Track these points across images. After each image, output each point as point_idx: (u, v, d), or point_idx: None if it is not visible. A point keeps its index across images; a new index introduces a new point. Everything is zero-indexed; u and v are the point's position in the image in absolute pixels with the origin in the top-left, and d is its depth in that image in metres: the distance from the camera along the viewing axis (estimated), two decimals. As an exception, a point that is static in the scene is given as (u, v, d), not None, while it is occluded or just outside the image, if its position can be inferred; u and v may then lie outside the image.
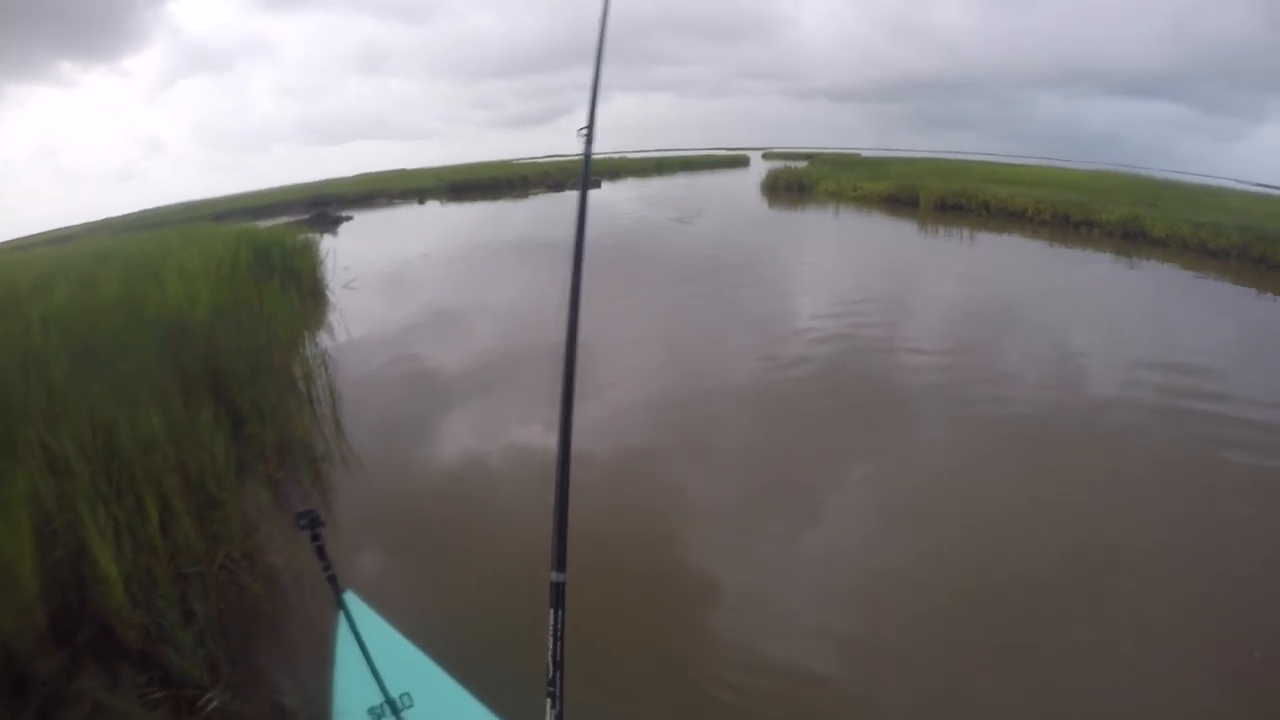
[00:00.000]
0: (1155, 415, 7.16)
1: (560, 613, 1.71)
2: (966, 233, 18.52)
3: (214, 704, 3.44)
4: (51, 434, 4.50)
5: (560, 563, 1.76)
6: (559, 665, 1.66)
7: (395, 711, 2.79)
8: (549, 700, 1.66)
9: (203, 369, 6.45)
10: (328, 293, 13.09)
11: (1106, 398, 7.68)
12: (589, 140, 2.46)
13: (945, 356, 8.93)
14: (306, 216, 24.91)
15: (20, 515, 3.63)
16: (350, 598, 3.06)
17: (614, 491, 5.81)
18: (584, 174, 2.43)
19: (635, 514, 5.50)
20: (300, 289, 11.73)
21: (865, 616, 4.43)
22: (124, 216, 27.70)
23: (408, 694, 2.89)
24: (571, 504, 1.86)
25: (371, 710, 2.88)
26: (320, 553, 2.57)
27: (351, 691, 2.97)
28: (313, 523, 2.51)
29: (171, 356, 6.31)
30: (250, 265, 11.18)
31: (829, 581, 4.75)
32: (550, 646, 1.66)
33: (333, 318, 11.25)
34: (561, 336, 2.11)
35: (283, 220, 21.94)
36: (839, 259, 16.36)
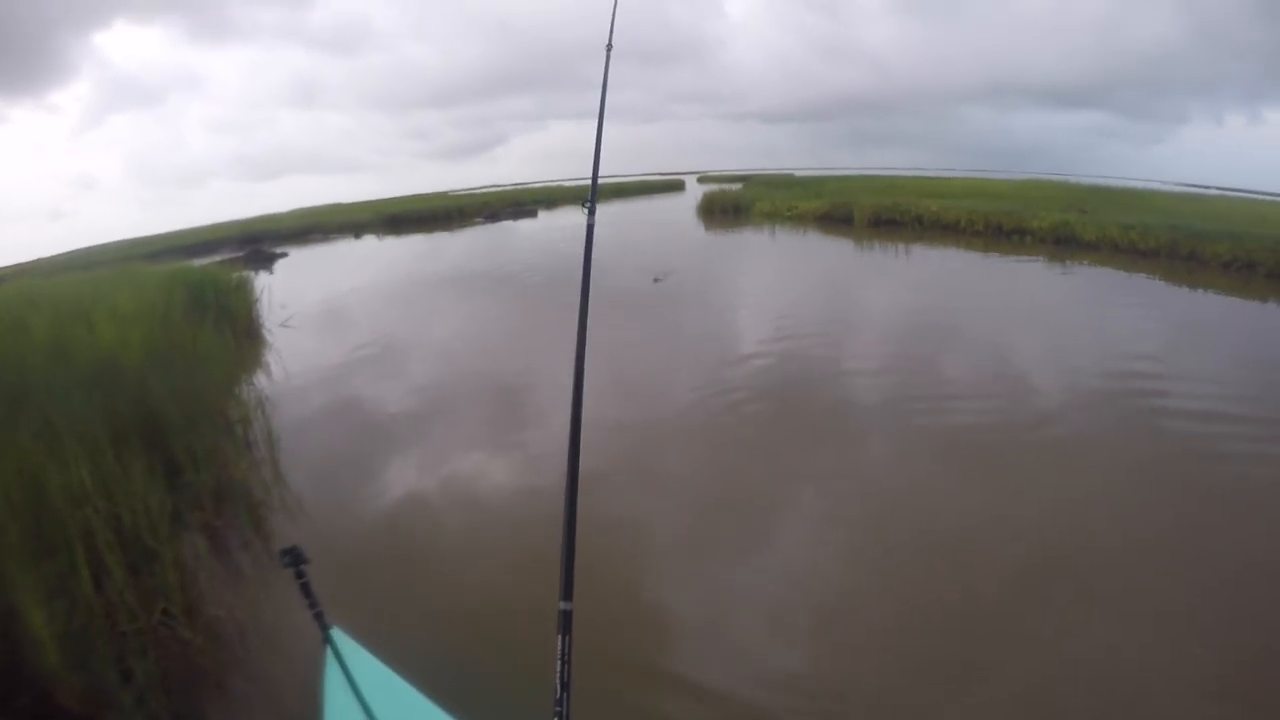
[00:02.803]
0: (1100, 414, 7.48)
1: (568, 639, 1.76)
2: (902, 247, 18.91)
3: None
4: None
5: (568, 592, 1.81)
6: (566, 687, 1.73)
7: None
8: (555, 719, 1.72)
9: (136, 415, 6.31)
10: (264, 332, 12.87)
11: (1051, 401, 7.92)
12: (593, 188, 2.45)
13: (889, 372, 9.13)
14: (241, 254, 24.51)
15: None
16: (338, 634, 3.01)
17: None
18: (588, 241, 2.39)
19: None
20: (235, 329, 11.55)
21: (823, 629, 4.50)
22: (55, 256, 26.94)
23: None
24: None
25: None
26: (305, 589, 2.56)
27: None
28: (295, 559, 2.49)
29: (104, 403, 6.16)
30: (184, 306, 10.96)
31: (783, 598, 4.83)
32: (558, 670, 1.72)
33: (270, 357, 11.09)
34: (568, 379, 2.10)
35: (217, 258, 21.65)
36: (777, 279, 16.57)
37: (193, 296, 11.90)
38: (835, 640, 4.42)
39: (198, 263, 17.19)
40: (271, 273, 21.79)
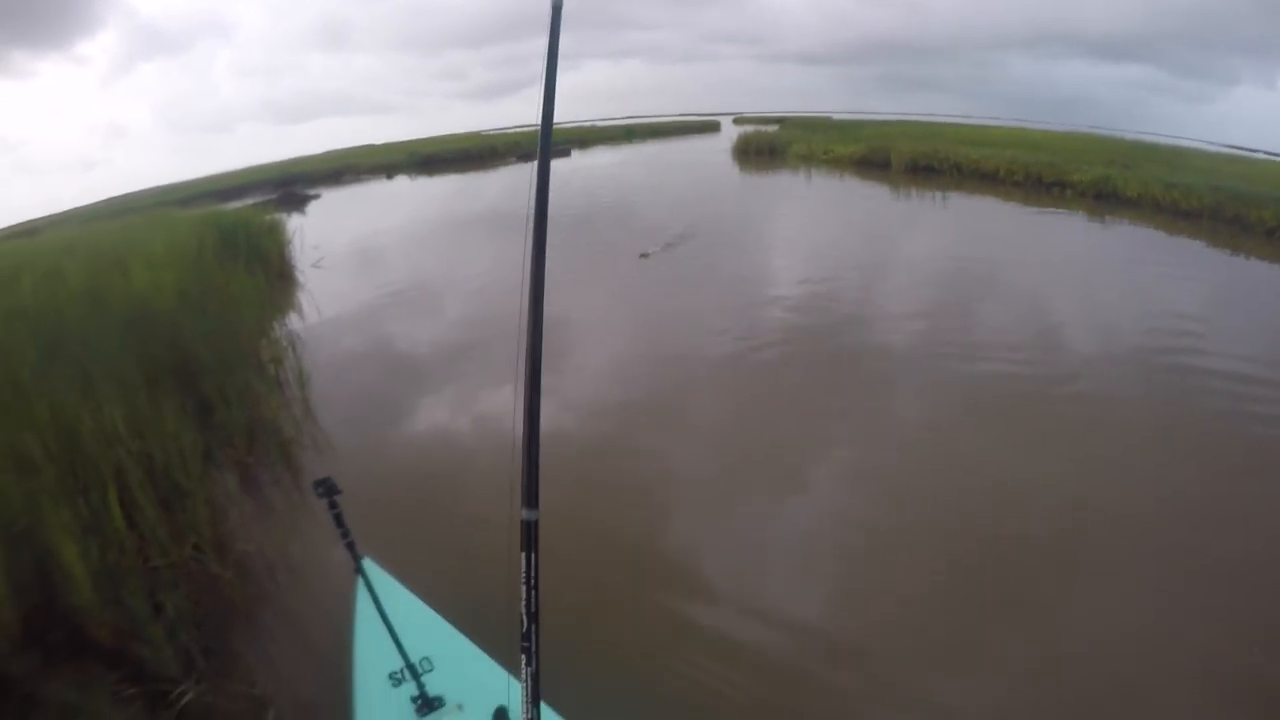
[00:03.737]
0: (1133, 373, 7.21)
1: (533, 556, 1.53)
2: (939, 194, 18.39)
3: (187, 697, 3.44)
4: (16, 433, 4.49)
5: (532, 498, 1.56)
6: (534, 617, 1.53)
7: (415, 675, 2.80)
8: (524, 657, 1.56)
9: (169, 357, 6.43)
10: (296, 273, 13.01)
11: (1084, 357, 7.66)
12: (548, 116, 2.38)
13: (921, 318, 8.93)
14: (273, 197, 24.56)
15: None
16: (369, 564, 3.09)
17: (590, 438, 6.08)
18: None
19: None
20: (268, 271, 11.60)
21: (843, 574, 4.51)
22: (90, 206, 27.22)
23: (427, 658, 2.91)
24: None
25: (391, 675, 2.92)
26: (338, 520, 2.58)
27: (372, 657, 3.00)
28: (329, 490, 2.51)
29: (138, 346, 6.27)
30: (216, 249, 11.06)
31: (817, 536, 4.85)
32: (524, 596, 1.51)
33: (301, 298, 11.19)
34: (528, 264, 1.99)
35: (250, 201, 21.73)
36: (814, 222, 16.22)
37: (225, 240, 12.01)
38: (855, 586, 4.41)
39: (230, 207, 17.25)
40: (304, 214, 21.86)
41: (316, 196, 26.24)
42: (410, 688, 2.86)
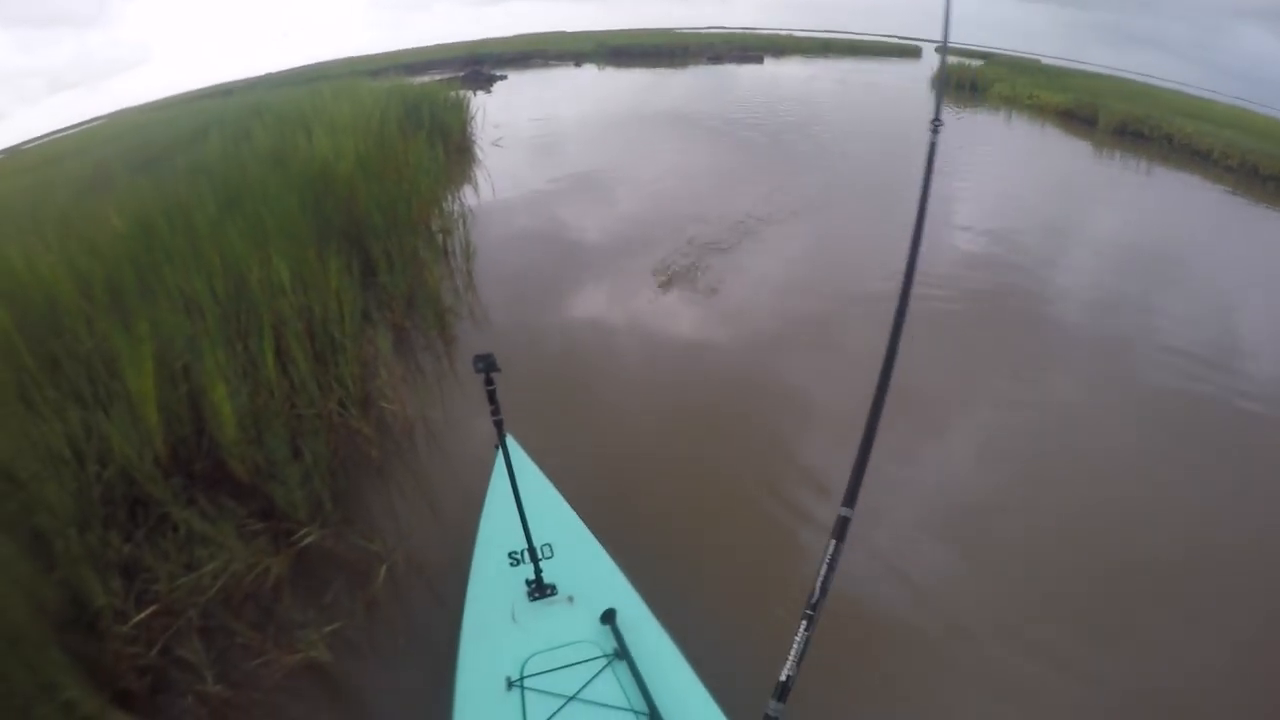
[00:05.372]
0: None
1: (840, 545, 1.66)
2: (1144, 164, 16.25)
3: (310, 539, 3.50)
4: (187, 278, 4.60)
5: (851, 499, 1.70)
6: (825, 592, 1.62)
7: (534, 559, 2.78)
8: (804, 621, 1.62)
9: (342, 219, 6.51)
10: (476, 149, 12.99)
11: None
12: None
13: (1100, 307, 7.49)
14: (461, 74, 24.83)
15: (146, 352, 3.71)
16: (511, 443, 3.10)
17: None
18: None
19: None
20: (447, 145, 11.66)
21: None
22: (283, 72, 28.29)
23: (549, 545, 2.87)
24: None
25: (511, 555, 2.90)
26: (491, 396, 2.54)
27: (496, 534, 3.00)
28: (488, 366, 2.46)
29: (313, 206, 6.37)
30: (399, 120, 11.17)
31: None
32: (822, 573, 1.62)
33: (478, 174, 11.18)
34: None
35: (438, 77, 21.99)
36: (1010, 168, 14.66)
37: (409, 112, 12.13)
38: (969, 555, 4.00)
39: (417, 81, 17.44)
40: (489, 93, 22.00)
41: (503, 78, 26.33)
42: (527, 570, 2.81)
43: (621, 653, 2.48)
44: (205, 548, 3.23)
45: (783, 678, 1.57)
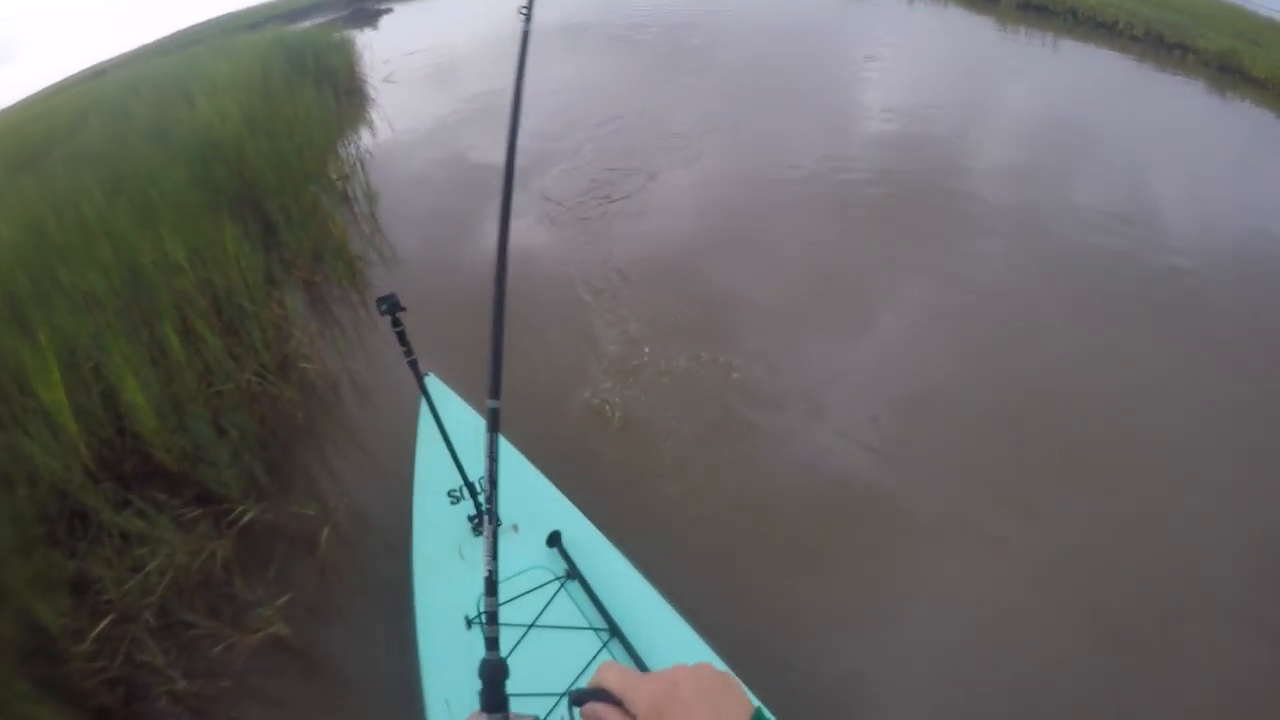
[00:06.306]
0: (1235, 269, 6.15)
1: (495, 434, 1.65)
2: (1050, 38, 16.00)
3: (248, 516, 3.52)
4: (83, 274, 4.50)
5: (495, 391, 1.70)
6: (494, 483, 1.63)
7: (473, 494, 2.79)
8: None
9: (235, 184, 6.35)
10: (367, 88, 12.61)
11: (1182, 244, 6.43)
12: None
13: (1014, 175, 7.73)
14: (344, 14, 23.92)
15: (51, 361, 3.66)
16: (433, 381, 3.09)
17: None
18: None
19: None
20: (337, 88, 11.24)
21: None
22: (158, 41, 26.98)
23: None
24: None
25: (450, 493, 2.92)
26: (401, 338, 2.46)
27: (431, 475, 2.99)
28: (392, 307, 2.38)
29: (203, 176, 6.21)
30: (283, 72, 10.76)
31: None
32: (487, 469, 1.62)
33: (373, 115, 10.85)
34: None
35: (319, 20, 21.15)
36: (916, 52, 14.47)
37: (292, 60, 11.67)
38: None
39: (298, 27, 16.77)
40: (376, 29, 21.18)
41: (389, 10, 25.30)
42: (468, 506, 2.84)
43: (573, 572, 2.53)
44: (145, 546, 3.24)
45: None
